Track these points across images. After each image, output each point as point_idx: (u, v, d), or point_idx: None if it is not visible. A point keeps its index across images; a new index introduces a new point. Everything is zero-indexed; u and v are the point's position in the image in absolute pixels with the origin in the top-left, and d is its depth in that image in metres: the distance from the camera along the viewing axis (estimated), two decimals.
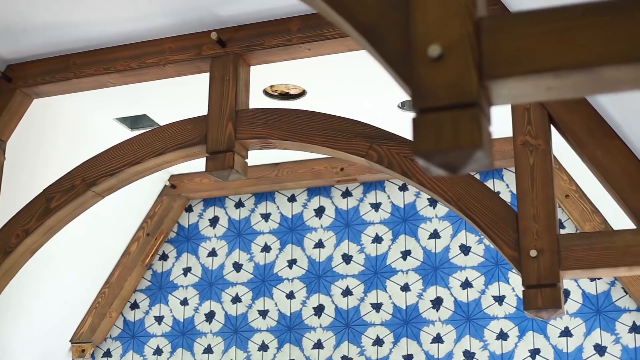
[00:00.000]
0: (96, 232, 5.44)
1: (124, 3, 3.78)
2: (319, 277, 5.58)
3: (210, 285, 5.80)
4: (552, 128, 3.53)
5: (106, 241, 5.64)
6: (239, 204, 5.88)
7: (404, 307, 5.37)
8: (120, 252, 5.80)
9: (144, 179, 5.43)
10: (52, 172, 4.28)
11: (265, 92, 4.62)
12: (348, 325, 5.45)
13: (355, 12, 1.69)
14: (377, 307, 5.42)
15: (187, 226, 5.97)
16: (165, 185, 5.85)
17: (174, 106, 4.77)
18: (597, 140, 3.42)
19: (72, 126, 4.94)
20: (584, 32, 1.53)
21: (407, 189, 5.53)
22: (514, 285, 5.18)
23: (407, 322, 5.34)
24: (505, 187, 5.34)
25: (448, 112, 1.55)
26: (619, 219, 4.48)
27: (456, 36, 1.58)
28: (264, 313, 5.65)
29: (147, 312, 5.89)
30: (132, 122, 5.11)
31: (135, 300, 5.93)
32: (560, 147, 4.25)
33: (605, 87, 1.57)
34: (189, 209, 6.00)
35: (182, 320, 5.82)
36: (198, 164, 5.46)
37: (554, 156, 4.25)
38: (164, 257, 5.95)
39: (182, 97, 4.67)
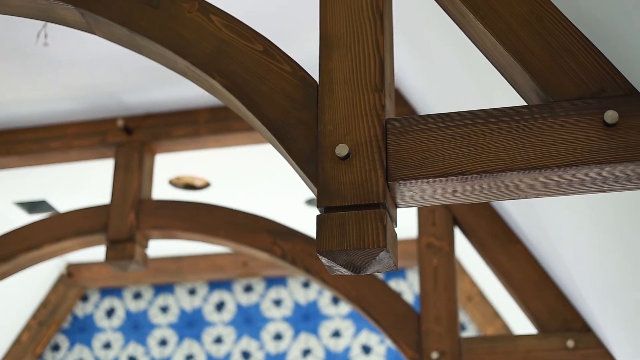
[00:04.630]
0: None
1: (28, 85, 3.71)
2: None
3: None
4: (457, 230, 3.56)
5: None
6: (137, 295, 5.74)
7: None
8: (11, 341, 5.57)
9: (40, 266, 5.28)
10: None
11: (171, 183, 4.57)
12: None
13: (264, 108, 1.68)
14: None
15: (81, 316, 5.78)
16: (62, 273, 5.68)
17: (75, 193, 4.67)
18: (501, 244, 3.46)
19: None
20: (488, 137, 1.54)
21: (310, 286, 5.48)
22: None
23: None
24: (408, 287, 5.33)
25: (353, 212, 1.54)
26: (520, 323, 4.52)
27: (364, 137, 1.57)
28: None
29: None
30: (30, 207, 4.97)
31: None
32: (464, 250, 4.29)
33: (509, 193, 1.58)
34: (85, 299, 5.82)
35: None
36: (97, 253, 5.34)
37: (457, 258, 4.27)
38: (56, 347, 5.74)
39: (84, 183, 4.58)
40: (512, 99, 1.95)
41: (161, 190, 4.57)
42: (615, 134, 1.49)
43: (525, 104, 1.66)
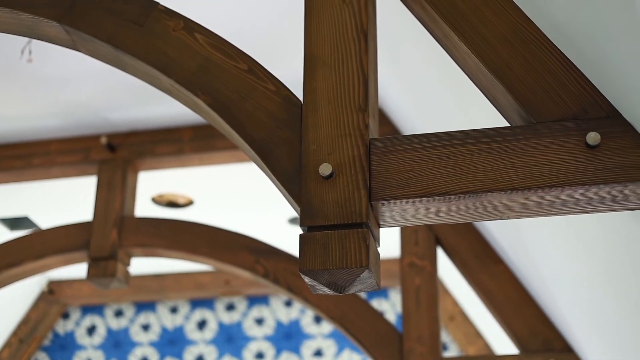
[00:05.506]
0: None
1: (11, 101, 3.70)
2: None
3: None
4: (439, 250, 3.56)
5: None
6: (119, 313, 5.70)
7: None
8: None
9: (21, 283, 5.25)
10: None
11: (154, 200, 4.55)
12: None
13: (248, 127, 1.68)
14: None
15: (62, 334, 5.74)
16: (43, 290, 5.64)
17: (57, 210, 4.65)
18: (483, 264, 3.47)
19: None
20: (471, 158, 1.54)
21: (292, 305, 5.47)
22: None
23: None
24: (390, 307, 5.33)
25: (336, 231, 1.54)
26: (502, 343, 4.52)
27: (347, 156, 1.57)
28: None
29: None
30: (12, 223, 4.94)
31: None
32: (446, 270, 4.30)
33: (492, 213, 1.58)
34: (66, 316, 5.79)
35: None
36: (78, 270, 5.31)
37: (440, 278, 4.28)
38: None
39: (67, 200, 4.55)
40: (494, 120, 1.96)
41: (144, 207, 4.55)
42: (597, 156, 1.50)
43: (508, 124, 1.67)
